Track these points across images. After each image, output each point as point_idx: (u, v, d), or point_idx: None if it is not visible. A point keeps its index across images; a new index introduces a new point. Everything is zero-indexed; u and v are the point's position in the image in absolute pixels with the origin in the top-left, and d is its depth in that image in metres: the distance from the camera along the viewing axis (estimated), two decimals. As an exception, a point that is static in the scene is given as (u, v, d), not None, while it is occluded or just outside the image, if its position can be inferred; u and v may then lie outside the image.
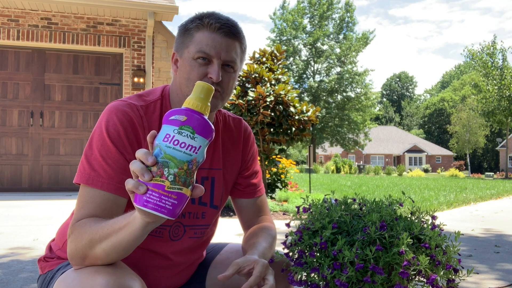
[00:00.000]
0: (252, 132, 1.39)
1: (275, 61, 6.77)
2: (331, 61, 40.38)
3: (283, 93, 5.82)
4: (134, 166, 0.78)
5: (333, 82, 38.98)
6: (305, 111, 6.08)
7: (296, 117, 5.95)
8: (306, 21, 41.20)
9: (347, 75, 39.03)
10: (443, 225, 1.06)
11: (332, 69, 40.75)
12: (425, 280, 0.96)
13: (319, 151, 48.70)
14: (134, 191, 0.79)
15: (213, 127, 0.82)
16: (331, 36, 41.22)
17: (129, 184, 0.79)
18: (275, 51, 6.77)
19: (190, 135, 0.79)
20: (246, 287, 0.98)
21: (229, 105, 5.85)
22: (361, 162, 55.86)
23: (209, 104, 0.83)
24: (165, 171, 0.78)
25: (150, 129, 1.12)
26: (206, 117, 0.82)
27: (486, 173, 33.33)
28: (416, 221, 1.05)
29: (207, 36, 1.10)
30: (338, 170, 35.28)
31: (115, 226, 0.90)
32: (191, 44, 1.12)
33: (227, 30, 1.11)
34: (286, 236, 1.11)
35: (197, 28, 1.12)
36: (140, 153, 0.79)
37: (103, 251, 0.92)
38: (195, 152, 0.80)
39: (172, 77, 1.21)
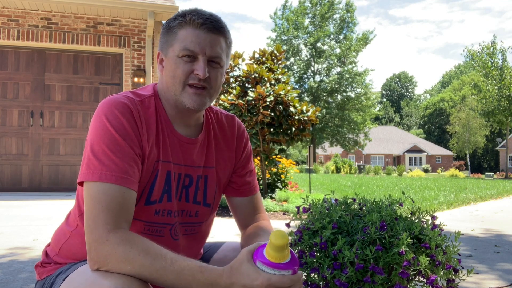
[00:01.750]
0: (245, 130, 1.37)
1: (275, 61, 6.77)
2: (331, 61, 40.37)
3: (283, 93, 5.82)
4: None
5: (333, 82, 38.97)
6: (305, 111, 6.08)
7: (296, 117, 5.95)
8: (307, 21, 41.20)
9: (347, 75, 39.02)
10: (443, 225, 1.05)
11: (332, 69, 40.75)
12: (425, 280, 0.96)
13: (319, 151, 48.69)
14: None
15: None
16: (332, 36, 41.22)
17: None
18: (275, 51, 6.77)
19: None
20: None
21: (229, 105, 5.85)
22: (361, 162, 55.85)
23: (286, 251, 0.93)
24: None
25: (147, 123, 1.11)
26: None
27: (486, 173, 33.32)
28: (416, 221, 1.05)
29: (191, 33, 1.09)
30: (338, 170, 35.27)
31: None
32: (175, 42, 1.10)
33: (210, 25, 1.10)
34: (286, 236, 1.11)
35: (180, 25, 1.10)
36: None
37: (150, 283, 0.95)
38: None
39: (159, 76, 1.20)
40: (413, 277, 0.97)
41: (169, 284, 0.92)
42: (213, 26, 1.10)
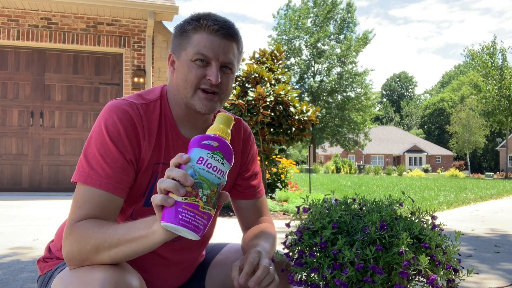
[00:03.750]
0: (251, 133, 1.38)
1: (275, 61, 6.77)
2: (332, 61, 40.40)
3: (283, 93, 5.82)
4: (166, 183, 0.81)
5: (333, 82, 38.99)
6: (305, 111, 6.08)
7: (296, 117, 5.95)
8: (309, 21, 41.22)
9: (347, 75, 39.04)
10: (443, 225, 1.05)
11: (333, 69, 40.77)
12: (425, 280, 0.96)
13: (319, 151, 48.69)
14: (164, 205, 0.81)
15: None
16: (332, 36, 41.25)
17: (156, 198, 0.81)
18: (275, 51, 6.77)
19: (220, 160, 0.86)
20: (243, 276, 0.98)
21: (229, 105, 5.85)
22: (361, 162, 55.85)
23: (229, 131, 0.92)
24: (199, 192, 0.82)
25: (149, 128, 1.12)
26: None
27: (486, 173, 33.34)
28: (416, 221, 1.05)
29: (205, 38, 1.10)
30: (338, 170, 35.28)
31: (127, 236, 0.91)
32: (188, 46, 1.11)
33: (225, 32, 1.11)
34: (286, 236, 1.11)
35: (194, 29, 1.11)
36: (176, 172, 0.82)
37: (109, 258, 0.93)
38: (223, 176, 0.86)
39: (169, 78, 1.20)
40: (413, 277, 0.97)
41: (121, 243, 0.91)
42: (227, 32, 1.11)
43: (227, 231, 4.06)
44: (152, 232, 0.87)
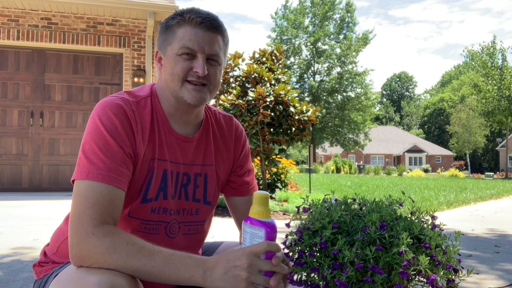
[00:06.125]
0: (243, 130, 1.38)
1: (275, 61, 6.76)
2: (332, 61, 40.39)
3: (283, 93, 5.81)
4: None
5: (333, 82, 38.97)
6: (305, 111, 6.07)
7: (296, 117, 5.94)
8: (307, 21, 41.22)
9: (347, 75, 39.02)
10: (443, 225, 1.05)
11: (333, 69, 40.76)
12: (425, 280, 0.96)
13: (319, 151, 48.68)
14: None
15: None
16: (332, 36, 41.24)
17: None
18: (275, 51, 6.77)
19: None
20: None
21: (229, 105, 5.85)
22: (361, 162, 55.84)
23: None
24: None
25: (142, 124, 1.12)
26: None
27: (486, 173, 33.35)
28: (416, 221, 1.05)
29: (189, 31, 1.10)
30: (338, 170, 35.27)
31: (163, 268, 0.94)
32: (174, 40, 1.12)
33: (208, 24, 1.11)
34: (286, 236, 1.11)
35: (178, 24, 1.12)
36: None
37: (129, 272, 0.94)
38: None
39: (158, 75, 1.21)
40: (413, 277, 0.97)
41: (156, 270, 0.93)
42: (211, 24, 1.12)
43: (226, 231, 4.06)
44: (203, 279, 0.93)
